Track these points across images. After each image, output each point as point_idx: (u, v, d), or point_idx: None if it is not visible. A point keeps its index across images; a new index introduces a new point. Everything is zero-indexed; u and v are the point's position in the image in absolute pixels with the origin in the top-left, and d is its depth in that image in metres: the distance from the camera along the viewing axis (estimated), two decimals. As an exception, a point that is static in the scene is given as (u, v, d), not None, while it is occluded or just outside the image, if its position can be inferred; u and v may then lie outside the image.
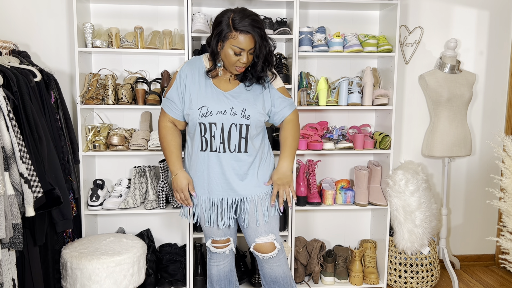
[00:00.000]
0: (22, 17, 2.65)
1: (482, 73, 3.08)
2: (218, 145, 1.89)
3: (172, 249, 2.78)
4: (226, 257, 2.15)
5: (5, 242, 1.69)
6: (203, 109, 1.87)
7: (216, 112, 1.86)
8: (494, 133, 3.06)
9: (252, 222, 1.97)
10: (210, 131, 1.88)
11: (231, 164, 1.91)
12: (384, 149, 2.73)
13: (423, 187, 2.76)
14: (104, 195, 2.65)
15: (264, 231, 1.98)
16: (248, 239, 2.03)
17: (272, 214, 2.00)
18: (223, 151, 1.89)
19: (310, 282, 2.84)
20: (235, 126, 1.87)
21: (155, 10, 2.76)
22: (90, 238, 2.42)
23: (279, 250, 2.01)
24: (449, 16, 2.99)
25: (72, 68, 2.70)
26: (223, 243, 2.10)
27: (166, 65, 2.80)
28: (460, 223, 3.21)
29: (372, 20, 2.90)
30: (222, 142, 1.88)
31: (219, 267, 2.17)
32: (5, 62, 2.02)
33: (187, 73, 1.93)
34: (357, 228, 3.07)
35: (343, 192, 2.79)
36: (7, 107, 1.72)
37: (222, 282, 2.19)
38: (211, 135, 1.88)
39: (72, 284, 2.13)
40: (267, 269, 2.03)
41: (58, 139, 2.22)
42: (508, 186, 2.02)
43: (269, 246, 1.99)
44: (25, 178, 1.75)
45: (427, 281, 2.82)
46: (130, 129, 2.73)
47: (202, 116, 1.87)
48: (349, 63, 2.92)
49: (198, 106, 1.88)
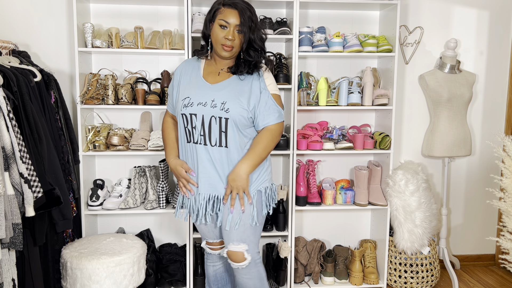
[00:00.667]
0: (22, 17, 2.65)
1: (482, 73, 3.08)
2: (199, 137, 1.87)
3: (172, 249, 2.78)
4: (221, 258, 2.17)
5: (5, 242, 1.69)
6: (185, 100, 1.87)
7: (197, 103, 1.85)
8: (494, 133, 3.06)
9: (225, 226, 1.91)
10: (191, 122, 1.86)
11: (212, 158, 1.87)
12: (384, 149, 2.73)
13: (423, 187, 2.76)
14: (104, 195, 2.65)
15: (236, 239, 1.90)
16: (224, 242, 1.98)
17: (249, 223, 1.89)
18: (203, 143, 1.87)
19: (310, 282, 2.84)
20: (215, 119, 1.83)
21: (155, 10, 2.76)
22: (90, 238, 2.42)
23: (250, 262, 1.91)
24: (449, 16, 2.99)
25: (72, 68, 2.70)
26: (216, 245, 2.12)
27: (166, 65, 2.80)
28: (460, 223, 3.21)
29: (372, 20, 2.90)
30: (202, 134, 1.86)
31: (215, 267, 2.19)
32: (5, 62, 2.02)
33: (182, 69, 1.98)
34: (357, 228, 3.07)
35: (343, 192, 2.78)
36: (7, 107, 1.72)
37: (219, 282, 2.21)
38: (192, 126, 1.87)
39: (72, 284, 2.13)
40: (238, 278, 1.97)
41: (58, 139, 2.22)
42: (508, 186, 2.02)
43: (239, 255, 1.90)
44: (25, 178, 1.75)
45: (427, 281, 2.82)
46: (130, 129, 2.73)
47: (184, 107, 1.87)
48: (349, 63, 2.92)
49: (182, 97, 1.89)
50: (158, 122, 2.81)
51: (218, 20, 1.83)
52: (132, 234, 2.66)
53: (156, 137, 2.62)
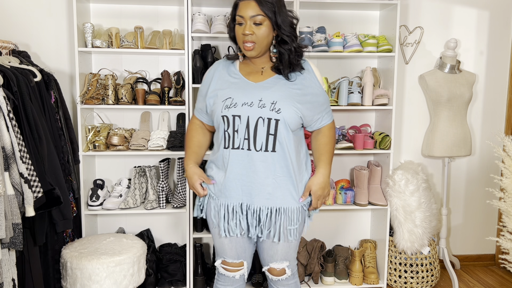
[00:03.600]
0: (22, 17, 2.65)
1: (482, 73, 3.08)
2: (242, 141, 1.65)
3: (172, 249, 2.78)
4: (235, 282, 1.86)
5: (5, 242, 1.69)
6: (227, 101, 1.65)
7: (241, 104, 1.63)
8: (494, 133, 3.06)
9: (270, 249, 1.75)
10: (234, 124, 1.64)
11: (256, 165, 1.65)
12: (384, 149, 2.73)
13: (423, 187, 2.76)
14: (104, 195, 2.65)
15: (279, 258, 1.77)
16: (262, 261, 1.85)
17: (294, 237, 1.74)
18: (247, 148, 1.65)
19: (310, 282, 2.84)
20: (263, 120, 1.62)
21: (155, 10, 2.76)
22: (90, 238, 2.42)
23: (289, 276, 1.82)
24: (449, 16, 2.99)
25: (72, 68, 2.70)
26: (234, 266, 1.82)
27: (166, 65, 2.80)
28: (460, 223, 3.21)
29: (372, 20, 2.90)
30: (247, 138, 1.64)
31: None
32: (5, 62, 2.02)
33: (215, 70, 1.77)
34: (357, 228, 3.07)
35: (343, 192, 2.79)
36: (7, 107, 1.72)
37: None
38: (234, 129, 1.65)
39: (72, 284, 2.13)
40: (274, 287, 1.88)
41: (58, 139, 2.22)
42: (508, 186, 2.02)
43: (280, 271, 1.80)
44: (25, 178, 1.75)
45: (427, 281, 2.82)
46: (130, 129, 2.73)
47: (225, 108, 1.65)
48: (349, 63, 2.92)
49: (222, 99, 1.67)
50: (158, 122, 2.81)
51: (236, 18, 1.64)
52: (132, 234, 2.66)
53: (156, 137, 2.62)
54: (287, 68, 1.68)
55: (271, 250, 1.76)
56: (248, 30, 1.60)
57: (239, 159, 1.67)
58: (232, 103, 1.65)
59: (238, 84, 1.69)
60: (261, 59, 1.72)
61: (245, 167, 1.67)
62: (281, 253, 1.76)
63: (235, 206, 1.71)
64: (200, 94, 1.80)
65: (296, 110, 1.64)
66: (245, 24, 1.61)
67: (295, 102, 1.64)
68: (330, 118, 1.79)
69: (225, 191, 1.71)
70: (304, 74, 1.71)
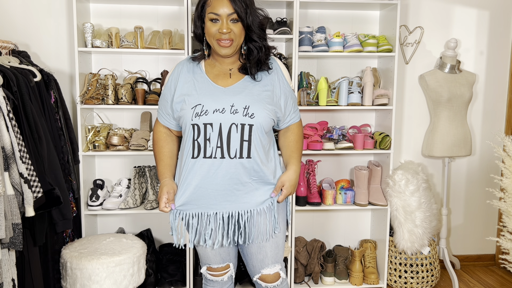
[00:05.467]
0: (22, 17, 2.65)
1: (482, 73, 3.08)
2: (214, 150, 1.60)
3: (172, 249, 2.78)
4: (224, 284, 1.86)
5: (5, 242, 1.69)
6: (197, 108, 1.60)
7: (212, 111, 1.59)
8: (494, 133, 3.06)
9: (259, 253, 1.71)
10: (205, 133, 1.60)
11: (230, 172, 1.61)
12: (384, 149, 2.72)
13: (423, 187, 2.76)
14: (104, 195, 2.65)
15: (271, 262, 1.73)
16: (252, 269, 1.78)
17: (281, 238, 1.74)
18: (220, 156, 1.60)
19: (310, 282, 2.84)
20: (236, 126, 1.59)
21: (155, 10, 2.76)
22: (90, 238, 2.42)
23: (283, 278, 1.79)
24: (449, 16, 2.99)
25: (72, 68, 2.70)
26: (221, 270, 1.82)
27: (166, 65, 2.80)
28: (460, 223, 3.21)
29: (372, 20, 2.90)
30: (220, 146, 1.59)
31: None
32: (5, 62, 2.02)
33: (179, 74, 1.71)
34: (357, 228, 3.07)
35: (343, 192, 2.78)
36: (7, 107, 1.72)
37: None
38: (206, 138, 1.60)
39: (72, 284, 2.13)
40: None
41: (58, 139, 2.22)
42: (508, 186, 2.02)
43: (275, 276, 1.76)
44: (25, 178, 1.75)
45: (427, 281, 2.81)
46: (130, 129, 2.73)
47: (195, 116, 1.60)
48: (349, 63, 2.92)
49: (191, 105, 1.61)
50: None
51: (207, 15, 1.59)
52: (132, 234, 2.66)
53: (156, 137, 2.62)
54: (254, 66, 1.66)
55: (260, 254, 1.72)
56: (225, 28, 1.57)
57: (210, 168, 1.61)
58: (203, 110, 1.60)
59: (207, 89, 1.64)
60: (230, 59, 1.69)
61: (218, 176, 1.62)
62: (271, 254, 1.73)
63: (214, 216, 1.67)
64: (163, 98, 1.73)
65: (269, 113, 1.63)
66: (221, 21, 1.58)
67: (266, 104, 1.64)
68: (298, 117, 1.81)
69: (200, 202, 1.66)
70: (272, 74, 1.70)
